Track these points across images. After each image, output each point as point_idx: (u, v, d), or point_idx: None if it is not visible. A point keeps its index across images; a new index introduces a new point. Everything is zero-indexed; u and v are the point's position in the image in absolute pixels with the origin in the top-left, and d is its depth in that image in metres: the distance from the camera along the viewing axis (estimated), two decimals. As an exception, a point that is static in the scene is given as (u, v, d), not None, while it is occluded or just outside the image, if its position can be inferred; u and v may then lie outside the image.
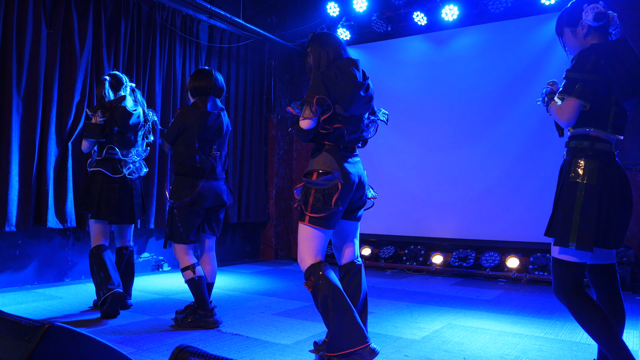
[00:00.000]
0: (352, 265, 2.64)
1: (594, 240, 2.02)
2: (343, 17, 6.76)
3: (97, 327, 3.24)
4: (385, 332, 3.26)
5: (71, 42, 4.89)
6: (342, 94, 2.48)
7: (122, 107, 3.69)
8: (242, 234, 7.13)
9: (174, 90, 5.98)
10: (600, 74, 2.04)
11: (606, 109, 2.09)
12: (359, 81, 2.52)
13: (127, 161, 3.76)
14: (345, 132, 2.53)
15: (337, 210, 2.48)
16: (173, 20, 5.98)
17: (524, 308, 4.12)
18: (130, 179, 3.77)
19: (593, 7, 2.10)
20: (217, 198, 3.46)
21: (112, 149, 3.69)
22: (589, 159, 2.09)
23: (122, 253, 3.86)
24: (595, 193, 2.04)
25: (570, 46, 2.28)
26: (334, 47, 2.62)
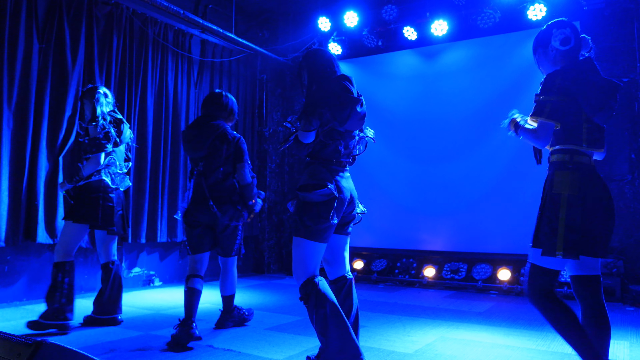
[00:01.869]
0: (344, 279, 2.64)
1: (579, 248, 2.12)
2: (334, 32, 6.83)
3: (88, 344, 3.20)
4: (378, 345, 3.25)
5: (63, 56, 4.89)
6: (339, 110, 2.47)
7: (120, 120, 3.84)
8: (234, 248, 7.10)
9: (166, 105, 5.99)
10: (567, 94, 2.19)
11: (578, 125, 2.22)
12: (355, 97, 2.52)
13: (117, 174, 3.83)
14: (340, 148, 2.56)
15: (332, 224, 2.48)
16: (165, 35, 6.01)
17: (516, 320, 4.13)
18: (113, 189, 3.81)
19: (560, 32, 2.28)
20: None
21: (113, 159, 3.80)
22: (570, 172, 2.20)
23: (109, 268, 3.81)
24: (578, 203, 2.14)
25: (543, 66, 2.44)
26: (328, 64, 2.65)
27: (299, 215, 2.49)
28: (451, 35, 6.23)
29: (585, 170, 2.20)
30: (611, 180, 5.53)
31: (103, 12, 5.33)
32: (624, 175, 5.47)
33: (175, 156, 6.08)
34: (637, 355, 3.11)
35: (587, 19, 5.67)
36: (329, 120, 2.49)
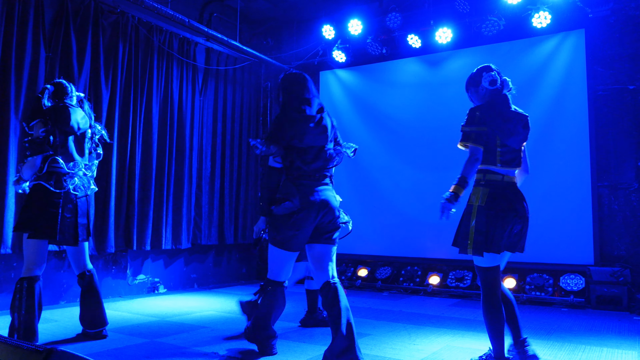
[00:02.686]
0: (327, 285, 2.89)
1: (483, 247, 2.68)
2: (338, 39, 6.85)
3: (94, 351, 3.20)
4: (384, 354, 3.24)
5: (69, 65, 4.93)
6: (293, 129, 2.89)
7: (63, 107, 3.34)
8: (238, 255, 7.10)
9: (171, 112, 6.02)
10: (485, 125, 2.75)
11: (493, 149, 2.77)
12: (307, 115, 2.92)
13: (73, 175, 3.36)
14: (299, 163, 2.90)
15: (295, 234, 2.87)
16: (170, 43, 6.05)
17: (522, 328, 4.10)
18: (75, 195, 3.35)
19: (489, 75, 2.84)
20: None
21: (55, 161, 3.28)
22: (481, 187, 2.78)
23: (85, 276, 3.52)
24: (483, 212, 2.70)
25: (474, 101, 2.97)
26: (296, 88, 3.01)
27: (270, 227, 2.96)
28: (455, 43, 6.24)
29: (495, 186, 2.76)
30: (617, 189, 5.51)
31: (109, 21, 5.37)
32: (630, 184, 5.45)
33: (180, 163, 6.10)
34: (645, 365, 3.08)
35: (592, 26, 5.67)
36: (290, 140, 2.89)
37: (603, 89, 5.63)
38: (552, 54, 5.83)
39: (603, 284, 5.18)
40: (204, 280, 6.57)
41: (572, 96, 5.68)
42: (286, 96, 3.02)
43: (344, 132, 7.07)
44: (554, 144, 5.73)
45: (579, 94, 5.65)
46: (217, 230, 6.61)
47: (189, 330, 3.88)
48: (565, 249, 5.58)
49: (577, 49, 5.70)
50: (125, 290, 5.57)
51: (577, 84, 5.67)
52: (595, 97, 5.64)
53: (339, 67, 7.27)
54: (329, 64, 7.30)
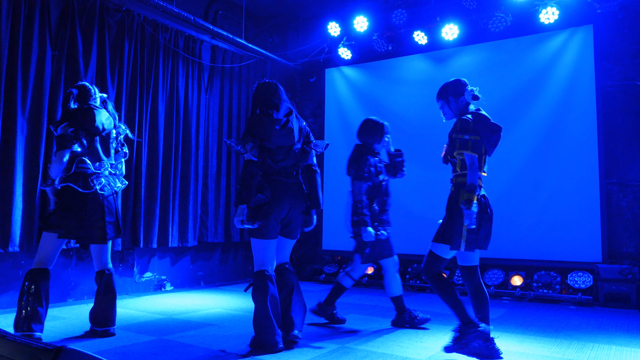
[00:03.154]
0: (282, 267, 3.45)
1: (474, 245, 3.00)
2: (344, 37, 6.83)
3: (102, 349, 3.21)
4: (391, 352, 3.23)
5: (75, 63, 4.94)
6: (262, 132, 3.22)
7: (88, 109, 3.40)
8: (245, 253, 7.11)
9: (177, 110, 6.02)
10: (477, 134, 3.04)
11: (480, 158, 3.07)
12: (273, 118, 3.25)
13: (99, 175, 3.43)
14: (270, 161, 3.26)
15: (266, 222, 3.21)
16: (176, 41, 6.05)
17: (530, 327, 4.08)
18: (102, 194, 3.42)
19: (472, 90, 3.16)
20: None
21: (83, 161, 3.36)
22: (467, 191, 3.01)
23: (104, 274, 3.55)
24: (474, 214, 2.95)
25: (447, 110, 3.29)
26: (266, 95, 3.35)
27: (246, 218, 3.21)
28: (462, 40, 6.21)
29: (478, 191, 3.03)
30: (626, 186, 5.47)
31: (115, 19, 5.38)
32: (639, 180, 5.41)
33: (186, 161, 6.11)
34: (655, 363, 3.06)
35: (601, 22, 5.63)
36: (261, 141, 3.23)
37: (611, 85, 5.58)
38: (559, 50, 5.79)
39: (611, 282, 5.15)
40: (211, 278, 6.58)
41: (580, 92, 5.64)
42: (257, 101, 3.37)
43: (350, 129, 7.11)
44: (562, 140, 5.69)
45: (587, 90, 5.61)
46: (224, 228, 6.62)
47: (196, 328, 3.89)
48: (573, 247, 5.54)
49: (585, 45, 5.66)
50: (132, 287, 5.59)
51: (585, 80, 5.63)
52: (604, 94, 5.60)
53: (345, 64, 7.26)
54: (335, 61, 7.28)
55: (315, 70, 7.66)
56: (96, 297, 3.56)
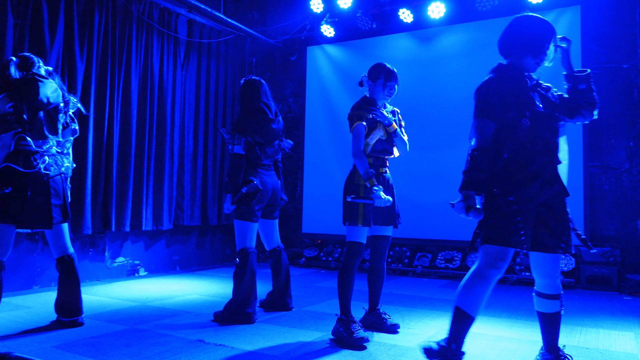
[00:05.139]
0: (278, 249, 3.93)
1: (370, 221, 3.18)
2: (327, 13, 6.60)
3: (69, 340, 2.99)
4: (379, 339, 3.10)
5: (40, 34, 4.60)
6: (258, 128, 3.64)
7: (32, 79, 3.05)
8: (222, 236, 6.90)
9: (151, 86, 5.72)
10: None
11: None
12: (270, 118, 3.69)
13: (43, 154, 3.12)
14: (261, 155, 3.68)
15: (259, 208, 3.65)
16: (150, 14, 5.73)
17: (516, 310, 4.02)
18: (46, 174, 3.11)
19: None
20: None
21: (23, 139, 3.04)
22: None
23: (64, 260, 3.29)
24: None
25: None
26: (256, 92, 3.73)
27: (239, 203, 3.58)
28: (449, 19, 6.04)
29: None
30: (609, 169, 5.43)
31: (84, -12, 5.03)
32: (622, 164, 5.38)
33: (161, 141, 5.83)
34: (646, 348, 3.00)
35: (588, 3, 5.52)
36: (252, 135, 3.61)
37: (597, 68, 5.50)
38: (546, 31, 5.67)
39: (593, 264, 5.14)
40: (187, 263, 6.36)
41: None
42: (248, 99, 3.72)
43: (332, 109, 6.91)
44: (547, 123, 5.61)
45: (574, 71, 5.51)
46: (200, 211, 6.38)
47: (172, 316, 3.69)
48: (556, 230, 5.50)
49: (572, 25, 5.55)
50: (103, 273, 5.34)
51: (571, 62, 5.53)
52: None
53: (327, 42, 7.02)
54: (317, 39, 7.04)
55: (296, 48, 7.41)
56: (59, 286, 3.31)
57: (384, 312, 3.38)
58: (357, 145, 3.11)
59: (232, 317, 3.49)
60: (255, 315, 3.54)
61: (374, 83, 3.30)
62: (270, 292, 4.00)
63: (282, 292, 3.92)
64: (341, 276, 3.12)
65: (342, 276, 3.12)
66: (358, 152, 3.10)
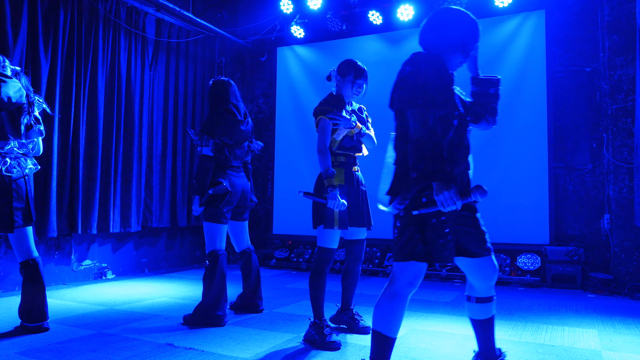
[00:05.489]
0: (248, 251, 3.91)
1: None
2: (297, 14, 6.60)
3: (34, 346, 2.91)
4: (346, 339, 3.11)
5: (3, 32, 4.46)
6: (227, 129, 3.61)
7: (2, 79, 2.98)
8: (192, 238, 6.82)
9: (119, 86, 5.61)
10: None
11: None
12: (239, 119, 3.68)
13: (5, 155, 3.06)
14: (230, 156, 3.66)
15: (228, 209, 3.63)
16: (117, 12, 5.62)
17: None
18: (8, 176, 3.05)
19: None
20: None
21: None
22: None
23: (28, 264, 3.22)
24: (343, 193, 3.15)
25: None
26: (225, 93, 3.70)
27: (208, 205, 3.56)
28: (417, 21, 6.10)
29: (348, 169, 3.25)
30: (573, 169, 5.58)
31: (48, -16, 4.90)
32: (585, 165, 5.54)
33: (129, 141, 5.72)
34: (607, 343, 3.10)
35: (553, 7, 5.67)
36: (221, 136, 3.57)
37: (561, 71, 5.66)
38: (513, 35, 5.81)
39: (558, 263, 5.27)
40: (156, 265, 6.26)
41: (532, 77, 5.69)
42: (217, 100, 3.69)
43: (302, 110, 6.91)
44: (513, 125, 5.74)
45: (538, 75, 5.67)
46: (169, 213, 6.29)
47: (141, 319, 3.63)
48: (522, 229, 5.64)
49: (537, 30, 5.70)
50: (69, 277, 5.21)
51: (536, 65, 5.68)
52: (554, 79, 5.67)
53: (297, 43, 7.03)
54: (287, 40, 7.04)
55: (266, 49, 7.38)
56: (23, 290, 3.22)
57: (357, 312, 3.38)
58: (323, 140, 3.02)
59: (201, 320, 3.45)
60: (226, 317, 3.51)
61: (343, 79, 3.21)
62: (240, 294, 3.98)
63: (252, 294, 3.91)
64: (312, 281, 3.06)
65: (314, 281, 3.06)
66: (323, 148, 3.01)
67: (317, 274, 3.06)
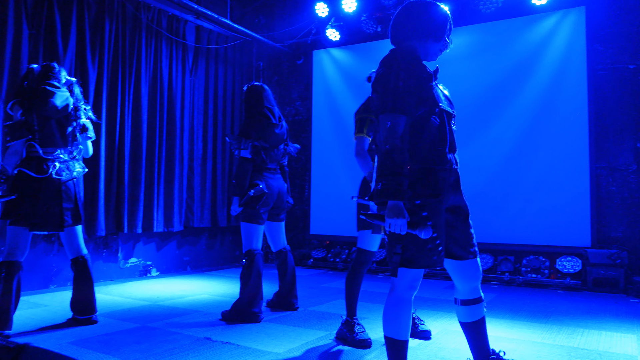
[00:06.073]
0: (284, 251, 4.01)
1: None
2: (332, 17, 6.69)
3: (83, 337, 3.12)
4: (380, 338, 3.17)
5: (54, 43, 4.75)
6: (262, 133, 3.76)
7: (43, 90, 3.21)
8: (232, 238, 7.02)
9: (161, 92, 5.86)
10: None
11: None
12: (273, 123, 3.83)
13: (54, 160, 3.26)
14: (266, 158, 3.79)
15: (265, 210, 3.76)
16: (159, 21, 5.86)
17: (519, 312, 4.06)
18: (58, 179, 3.25)
19: None
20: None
21: (33, 146, 3.20)
22: None
23: (78, 261, 3.43)
24: None
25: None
26: (259, 98, 3.85)
27: (246, 206, 3.68)
28: (452, 21, 6.08)
29: None
30: (616, 170, 5.44)
31: (95, -3, 5.18)
32: (629, 165, 5.38)
33: (171, 145, 5.97)
34: (645, 348, 3.04)
35: (593, 3, 5.54)
36: (257, 139, 3.71)
37: (602, 68, 5.52)
38: (551, 32, 5.70)
39: (600, 266, 5.14)
40: (197, 263, 6.49)
41: (571, 76, 5.58)
42: (252, 105, 3.84)
43: (338, 112, 6.99)
44: (552, 124, 5.64)
45: (578, 73, 5.54)
46: (210, 213, 6.51)
47: (182, 315, 3.81)
48: (562, 231, 5.53)
49: (577, 27, 5.58)
50: (116, 273, 5.48)
51: (576, 63, 5.56)
52: (595, 77, 5.54)
53: (333, 45, 7.11)
54: (323, 43, 7.14)
55: (302, 52, 7.51)
56: (74, 285, 3.45)
57: (417, 317, 3.28)
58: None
59: (239, 316, 3.59)
60: (262, 314, 3.64)
61: None
62: (276, 292, 4.10)
63: (288, 292, 4.02)
64: (349, 280, 3.16)
65: (350, 280, 3.16)
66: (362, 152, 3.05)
67: (353, 274, 3.16)
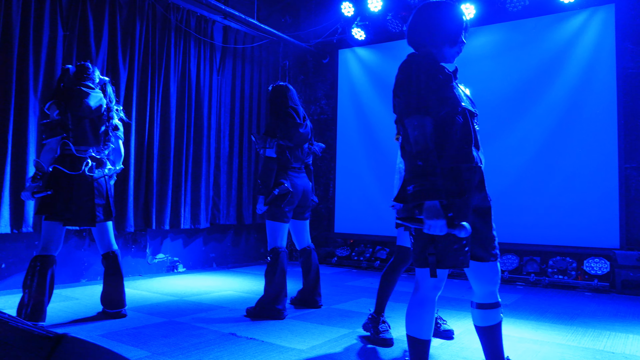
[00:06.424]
0: (308, 249, 4.06)
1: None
2: (358, 16, 6.70)
3: (113, 330, 3.23)
4: (402, 336, 3.20)
5: (87, 44, 4.90)
6: (287, 132, 3.80)
7: (78, 90, 3.36)
8: (257, 235, 7.11)
9: (189, 91, 5.98)
10: None
11: None
12: (298, 122, 3.87)
13: (86, 157, 3.39)
14: (291, 158, 3.85)
15: (290, 209, 3.81)
16: (188, 21, 5.98)
17: (544, 313, 4.03)
18: (90, 176, 3.37)
19: None
20: None
21: (67, 144, 3.33)
22: None
23: (109, 256, 3.55)
24: None
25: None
26: (284, 98, 3.91)
27: (271, 205, 3.74)
28: (479, 20, 6.05)
29: None
30: (632, 169, 5.32)
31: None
32: (659, 165, 5.26)
33: (198, 143, 6.09)
34: (673, 352, 2.99)
35: (622, 1, 5.43)
36: (281, 139, 3.76)
37: (633, 67, 5.41)
38: (579, 31, 5.61)
39: (629, 269, 5.05)
40: (223, 260, 6.60)
41: (600, 74, 5.48)
42: (277, 105, 3.89)
43: (363, 111, 7.01)
44: (580, 123, 5.55)
45: (607, 72, 5.44)
46: (236, 210, 6.61)
47: (208, 310, 3.90)
48: (590, 232, 5.44)
49: (606, 25, 5.48)
50: (144, 269, 5.63)
51: (605, 62, 5.46)
52: (624, 75, 5.43)
53: (359, 45, 7.13)
54: (348, 42, 7.16)
55: (328, 51, 7.55)
56: (104, 280, 3.58)
57: (440, 316, 3.28)
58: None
59: (263, 312, 3.66)
60: (285, 311, 3.70)
61: None
62: (300, 290, 4.16)
63: (311, 290, 4.07)
64: (385, 276, 3.16)
65: (386, 276, 3.15)
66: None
67: (390, 271, 3.15)
